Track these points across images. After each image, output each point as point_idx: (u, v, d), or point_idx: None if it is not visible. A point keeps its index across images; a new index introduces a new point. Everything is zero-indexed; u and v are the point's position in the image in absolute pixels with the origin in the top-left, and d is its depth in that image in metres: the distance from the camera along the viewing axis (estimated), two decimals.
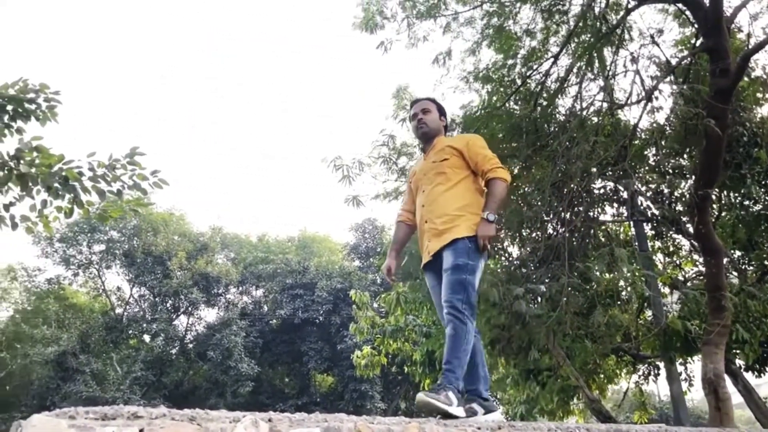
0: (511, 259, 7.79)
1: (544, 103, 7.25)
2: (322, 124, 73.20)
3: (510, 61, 7.62)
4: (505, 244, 7.85)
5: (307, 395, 25.95)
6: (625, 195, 7.69)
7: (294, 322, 26.08)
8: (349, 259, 28.38)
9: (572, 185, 6.42)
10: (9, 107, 5.44)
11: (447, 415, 2.66)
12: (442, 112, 3.69)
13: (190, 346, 27.23)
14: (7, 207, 5.50)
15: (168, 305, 26.98)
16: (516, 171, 7.23)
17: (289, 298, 26.70)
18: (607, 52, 7.08)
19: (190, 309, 27.35)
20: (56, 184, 5.32)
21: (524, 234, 7.63)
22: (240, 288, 29.12)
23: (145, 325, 26.80)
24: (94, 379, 23.14)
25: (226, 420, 1.82)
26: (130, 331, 26.97)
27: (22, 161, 5.25)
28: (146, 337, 26.93)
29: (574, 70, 7.03)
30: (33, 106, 5.58)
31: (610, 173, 7.04)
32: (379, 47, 8.55)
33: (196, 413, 1.83)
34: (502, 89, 7.70)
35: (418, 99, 3.73)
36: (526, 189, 7.23)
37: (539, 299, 6.99)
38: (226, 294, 28.33)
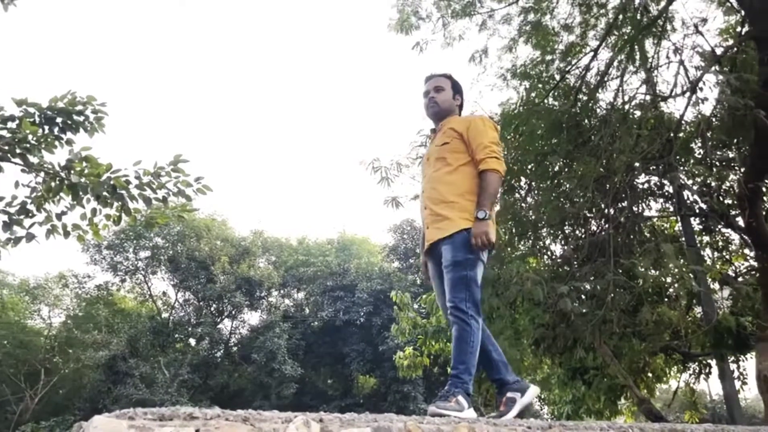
0: (554, 257, 7.70)
1: (585, 98, 7.15)
2: (360, 126, 73.56)
3: (548, 57, 7.53)
4: (548, 242, 7.77)
5: (350, 396, 26.08)
6: (670, 189, 7.51)
7: (335, 323, 26.25)
8: (389, 261, 28.42)
9: (616, 180, 6.30)
10: (59, 120, 5.63)
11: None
12: (457, 89, 3.44)
13: (235, 349, 27.68)
14: (59, 216, 5.69)
15: (212, 309, 27.48)
16: (557, 167, 7.14)
17: (330, 300, 26.90)
18: (649, 44, 6.94)
19: (233, 312, 27.80)
20: (105, 193, 5.47)
21: (567, 231, 7.53)
22: (282, 291, 29.50)
23: (190, 328, 27.35)
24: (143, 382, 23.71)
25: (278, 420, 1.85)
26: (176, 335, 27.56)
27: (72, 171, 5.42)
28: (192, 341, 27.49)
29: (615, 63, 6.91)
30: (81, 118, 5.75)
31: (655, 167, 6.89)
32: (414, 48, 8.57)
33: (249, 414, 1.86)
34: (540, 86, 7.62)
35: (433, 75, 3.45)
36: (567, 186, 7.13)
37: (584, 297, 6.89)
38: (268, 297, 28.71)
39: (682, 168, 6.75)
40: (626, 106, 6.65)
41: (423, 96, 3.45)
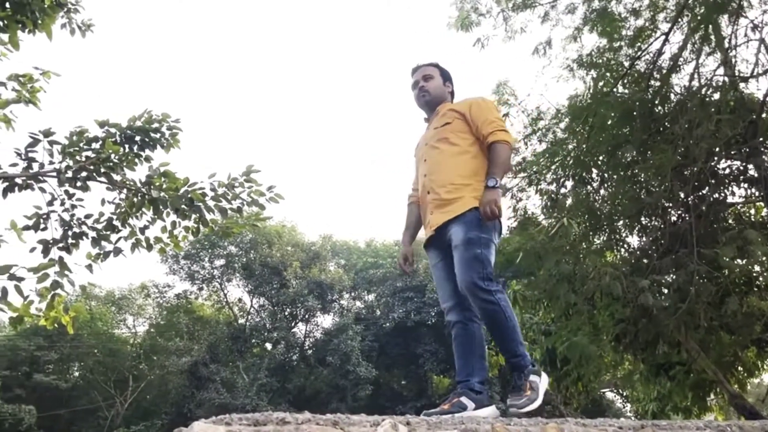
0: (631, 250, 7.45)
1: (657, 84, 6.88)
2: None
3: (616, 44, 7.30)
4: (624, 234, 7.53)
5: (425, 397, 26.05)
6: (755, 174, 7.13)
7: (407, 324, 26.29)
8: None
9: (695, 168, 6.04)
10: (137, 138, 5.88)
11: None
12: (446, 77, 3.30)
13: (310, 352, 28.18)
14: (142, 230, 5.94)
15: (286, 313, 28.08)
16: (630, 158, 6.91)
17: (401, 302, 26.98)
18: (725, 23, 6.62)
19: (306, 316, 28.31)
20: (183, 206, 5.68)
21: (644, 223, 7.27)
22: (352, 293, 29.84)
23: (266, 333, 28.05)
24: (224, 387, 24.49)
25: (366, 424, 1.87)
26: (253, 340, 28.33)
27: (152, 187, 5.66)
28: (268, 345, 28.19)
29: (689, 45, 6.63)
30: (158, 135, 6.00)
31: (738, 152, 6.56)
32: (475, 44, 8.50)
33: (339, 418, 1.89)
34: (608, 74, 7.39)
35: (419, 65, 3.31)
36: (643, 176, 6.89)
37: (665, 290, 6.64)
38: (339, 300, 29.08)
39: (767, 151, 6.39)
40: (704, 90, 6.37)
41: (412, 87, 3.31)
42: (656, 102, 6.83)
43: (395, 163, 72.98)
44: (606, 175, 7.38)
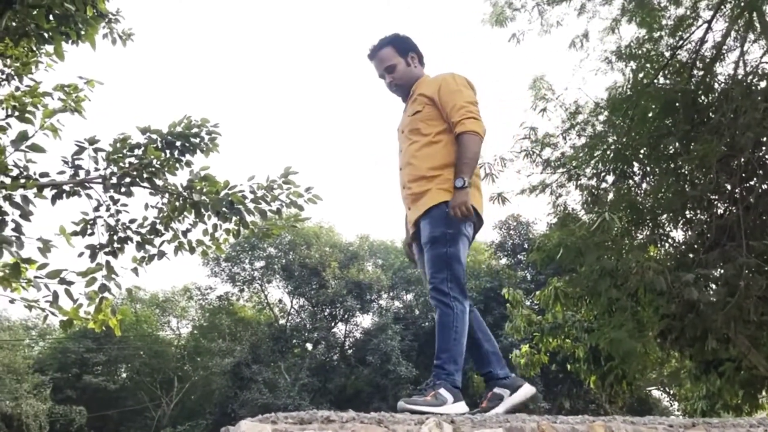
0: (676, 244, 7.28)
1: (700, 73, 6.71)
2: None
3: (656, 34, 7.14)
4: (668, 228, 7.36)
5: (466, 396, 25.66)
6: None
7: None
8: (496, 258, 28.02)
9: (741, 158, 5.87)
10: (178, 143, 6.01)
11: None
12: (404, 50, 2.98)
13: (350, 351, 28.33)
14: (185, 233, 6.07)
15: (326, 314, 28.28)
16: (673, 150, 6.75)
17: None
18: None
19: (346, 316, 28.46)
20: (224, 209, 5.78)
21: (689, 216, 7.09)
22: (391, 293, 29.87)
23: (306, 333, 28.31)
24: (266, 387, 24.79)
25: (411, 422, 1.87)
26: (294, 341, 28.62)
27: (193, 191, 5.77)
28: (309, 346, 28.45)
29: (732, 33, 6.44)
30: (197, 140, 6.12)
31: None
32: (511, 39, 8.42)
33: (383, 416, 1.90)
34: (648, 65, 7.24)
35: (373, 52, 3.00)
36: (686, 168, 6.73)
37: (713, 285, 6.46)
38: (378, 300, 29.16)
39: None
40: (749, 78, 6.18)
41: (379, 77, 3.06)
42: (699, 92, 6.66)
43: None
44: (648, 168, 7.23)
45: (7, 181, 4.94)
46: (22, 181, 5.00)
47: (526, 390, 2.59)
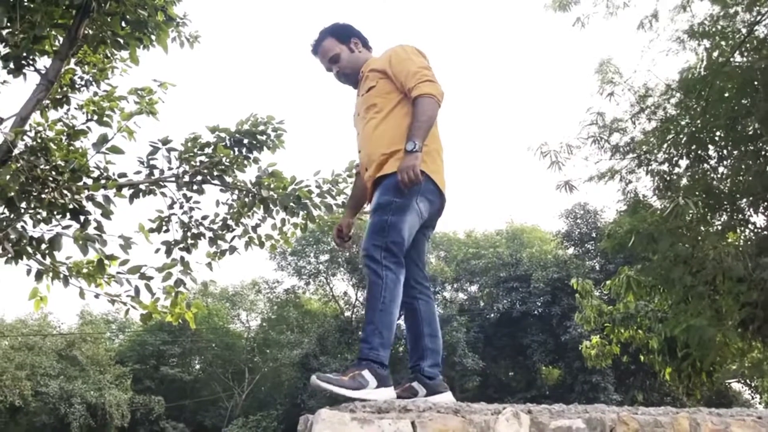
0: (757, 229, 6.94)
1: None
2: (523, 111, 71.82)
3: (731, 10, 6.79)
4: (748, 213, 7.03)
5: (534, 388, 25.58)
6: None
7: (512, 315, 25.90)
8: (563, 248, 27.44)
9: None
10: (245, 141, 6.16)
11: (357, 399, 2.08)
12: (345, 37, 2.88)
13: None
14: (254, 228, 6.23)
15: None
16: (752, 131, 6.44)
17: (505, 292, 26.62)
18: None
19: None
20: (291, 204, 5.90)
21: None
22: (455, 285, 29.78)
23: None
24: None
25: (487, 412, 1.87)
26: (360, 332, 28.93)
27: (262, 187, 5.91)
28: None
29: None
30: (264, 137, 6.25)
31: None
32: (575, 24, 8.21)
33: (459, 406, 1.91)
34: (723, 43, 6.90)
35: (314, 47, 2.92)
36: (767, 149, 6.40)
37: None
38: (442, 292, 29.11)
39: None
40: None
41: (327, 71, 2.97)
42: None
43: (494, 151, 71.91)
44: (725, 151, 6.92)
45: (90, 182, 5.20)
46: (103, 181, 5.25)
47: (445, 399, 2.41)
